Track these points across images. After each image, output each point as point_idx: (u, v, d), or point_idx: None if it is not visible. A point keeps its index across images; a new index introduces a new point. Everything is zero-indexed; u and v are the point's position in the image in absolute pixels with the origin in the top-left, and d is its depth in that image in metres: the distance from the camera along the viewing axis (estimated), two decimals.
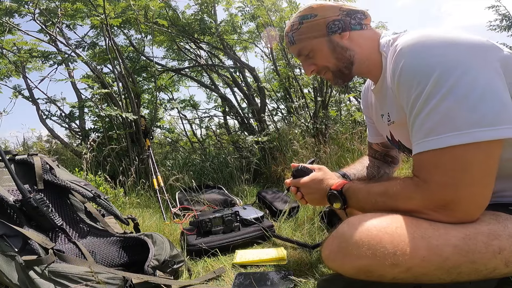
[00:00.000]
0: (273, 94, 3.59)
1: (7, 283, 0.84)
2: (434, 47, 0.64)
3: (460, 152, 0.60)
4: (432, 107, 0.62)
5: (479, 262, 0.61)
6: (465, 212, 0.63)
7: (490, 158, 0.60)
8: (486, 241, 0.61)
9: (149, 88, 3.64)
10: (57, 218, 1.00)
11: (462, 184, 0.61)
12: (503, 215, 0.66)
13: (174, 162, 3.34)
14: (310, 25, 0.87)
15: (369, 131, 1.19)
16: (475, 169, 0.60)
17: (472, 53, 0.62)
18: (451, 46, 0.63)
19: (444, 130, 0.60)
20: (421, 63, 0.64)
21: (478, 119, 0.58)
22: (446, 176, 0.62)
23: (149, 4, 2.62)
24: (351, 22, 0.86)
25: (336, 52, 0.87)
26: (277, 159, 2.62)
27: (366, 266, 0.64)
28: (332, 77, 0.93)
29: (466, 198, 0.62)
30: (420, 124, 0.64)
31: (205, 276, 1.02)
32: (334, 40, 0.86)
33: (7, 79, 2.99)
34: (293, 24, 0.90)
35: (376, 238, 0.63)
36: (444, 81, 0.60)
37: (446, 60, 0.62)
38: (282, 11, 2.90)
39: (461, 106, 0.59)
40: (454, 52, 0.62)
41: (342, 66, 0.89)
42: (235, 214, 1.38)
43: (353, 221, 0.68)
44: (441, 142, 0.61)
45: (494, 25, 4.69)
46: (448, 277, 0.62)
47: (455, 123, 0.60)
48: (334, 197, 0.87)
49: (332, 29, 0.86)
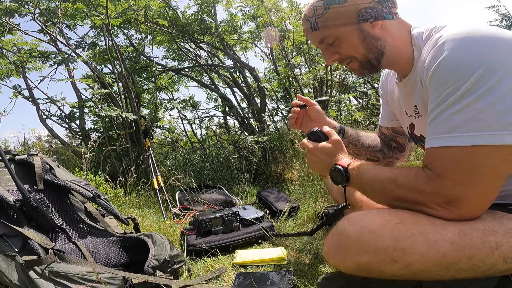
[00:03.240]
0: (273, 94, 3.59)
1: (7, 283, 0.84)
2: (482, 43, 0.62)
3: (481, 152, 0.60)
4: (464, 105, 0.60)
5: (476, 258, 0.61)
6: (469, 211, 0.64)
7: (506, 162, 0.60)
8: (482, 236, 0.61)
9: (149, 88, 3.63)
10: (57, 218, 1.00)
11: (473, 184, 0.61)
12: (499, 213, 0.66)
13: (174, 162, 3.34)
14: (339, 11, 0.80)
15: (382, 114, 1.16)
16: (490, 171, 0.60)
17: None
18: (498, 45, 0.61)
19: (472, 129, 0.60)
20: (466, 58, 0.62)
21: (507, 122, 0.58)
22: (461, 174, 0.62)
23: (149, 4, 2.62)
24: (383, 10, 0.80)
25: (366, 42, 0.81)
26: (277, 159, 2.62)
27: (366, 262, 0.64)
28: (359, 67, 0.86)
29: (474, 198, 0.62)
30: (445, 120, 0.63)
31: (205, 276, 1.02)
32: (364, 29, 0.80)
33: (7, 79, 2.99)
34: (317, 9, 0.82)
35: (376, 234, 0.63)
36: (484, 83, 0.59)
37: (490, 60, 0.60)
38: (283, 11, 2.90)
39: (494, 109, 0.58)
40: (500, 53, 0.61)
41: (372, 56, 0.83)
42: (235, 214, 1.38)
43: (353, 218, 0.69)
44: (466, 140, 0.60)
45: (494, 25, 4.69)
46: (447, 274, 0.63)
47: (483, 124, 0.59)
48: (338, 173, 0.84)
49: (364, 17, 0.79)
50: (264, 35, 3.20)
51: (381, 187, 0.73)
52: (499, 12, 4.55)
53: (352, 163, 0.83)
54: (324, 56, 0.90)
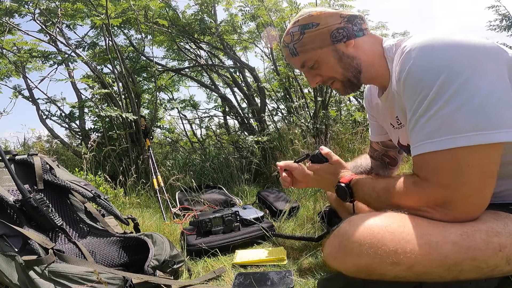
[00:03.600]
0: (273, 94, 3.59)
1: (7, 283, 0.84)
2: (442, 49, 0.64)
3: (459, 154, 0.61)
4: (434, 112, 0.63)
5: (479, 259, 0.61)
6: (463, 212, 0.64)
7: (489, 160, 0.61)
8: (485, 238, 0.61)
9: (149, 88, 3.63)
10: (57, 218, 1.00)
11: (460, 185, 0.62)
12: (502, 213, 0.66)
13: (174, 162, 3.34)
14: (313, 35, 0.84)
15: (371, 129, 1.19)
16: (473, 171, 0.61)
17: (478, 57, 0.63)
18: (458, 49, 0.64)
19: (445, 133, 0.62)
20: (428, 66, 0.65)
21: (476, 123, 0.60)
22: (445, 177, 0.63)
23: (149, 4, 2.62)
24: (353, 28, 0.84)
25: (342, 61, 0.85)
26: (277, 159, 2.62)
27: (367, 264, 0.64)
28: (342, 87, 0.90)
29: (464, 199, 0.63)
30: (421, 127, 0.65)
31: (205, 276, 1.02)
32: (339, 49, 0.84)
33: (7, 79, 2.99)
34: (294, 34, 0.86)
35: (377, 236, 0.63)
36: (448, 87, 0.61)
37: (452, 64, 0.62)
38: (283, 11, 2.90)
39: (462, 111, 0.60)
40: (460, 56, 0.63)
41: (350, 75, 0.86)
42: (235, 214, 1.38)
43: (354, 220, 0.69)
44: (441, 145, 0.62)
45: (494, 25, 4.69)
46: (449, 275, 0.62)
47: (455, 127, 0.61)
48: (342, 190, 0.88)
49: (337, 38, 0.83)
50: (264, 35, 3.20)
51: (377, 196, 0.77)
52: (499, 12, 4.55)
53: (354, 179, 0.87)
54: (307, 79, 0.94)
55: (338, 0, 2.64)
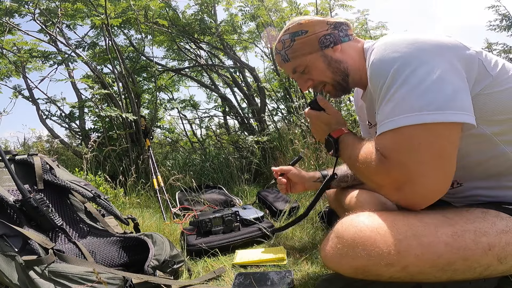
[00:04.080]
0: (273, 94, 3.59)
1: (7, 283, 0.84)
2: (397, 45, 0.69)
3: (411, 132, 0.64)
4: (389, 97, 0.67)
5: (471, 259, 0.61)
6: (420, 194, 0.65)
7: (441, 140, 0.63)
8: (474, 238, 0.62)
9: (149, 88, 3.63)
10: (57, 218, 1.00)
11: (414, 163, 0.64)
12: (492, 212, 0.67)
13: (174, 162, 3.34)
14: (303, 42, 0.88)
15: (361, 131, 1.21)
16: (426, 149, 0.63)
17: (431, 50, 0.67)
18: (413, 45, 0.68)
19: (397, 113, 0.65)
20: (384, 59, 0.70)
21: (427, 103, 0.63)
22: (401, 155, 0.65)
23: (149, 4, 2.63)
24: (339, 34, 0.89)
25: (331, 66, 0.89)
26: (277, 159, 2.62)
27: (362, 266, 0.64)
28: (333, 90, 0.94)
29: (419, 178, 0.64)
30: (382, 111, 0.69)
31: (205, 276, 1.02)
32: (327, 54, 0.88)
33: (7, 79, 2.99)
34: (285, 42, 0.91)
35: (369, 239, 0.64)
36: (401, 73, 0.66)
37: (405, 55, 0.67)
38: (283, 11, 2.90)
39: (413, 93, 0.64)
40: (413, 50, 0.67)
41: (339, 79, 0.90)
42: (235, 214, 1.38)
43: (347, 222, 0.70)
44: (394, 124, 0.65)
45: (494, 25, 4.69)
46: (444, 275, 0.63)
47: (406, 107, 0.64)
48: (329, 143, 0.90)
49: (325, 44, 0.88)
50: (264, 35, 3.20)
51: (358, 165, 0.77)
52: (499, 12, 4.55)
53: (342, 136, 0.88)
54: (299, 84, 0.97)
55: (338, 0, 2.65)
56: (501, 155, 0.71)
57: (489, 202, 0.73)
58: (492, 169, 0.73)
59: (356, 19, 3.27)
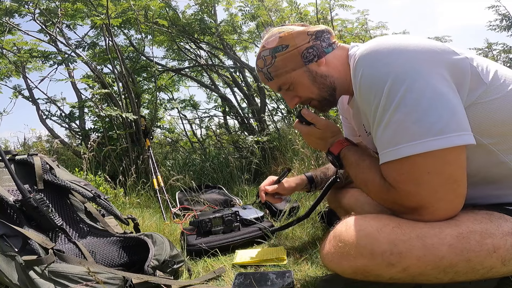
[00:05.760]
0: (273, 94, 3.59)
1: (7, 283, 0.84)
2: (385, 56, 0.66)
3: (417, 161, 0.62)
4: (387, 121, 0.64)
5: (474, 261, 0.61)
6: (434, 217, 0.65)
7: (449, 165, 0.62)
8: (479, 239, 0.61)
9: (149, 88, 3.63)
10: (57, 218, 1.00)
11: (424, 193, 0.63)
12: (496, 214, 0.66)
13: (174, 162, 3.34)
14: (284, 58, 0.83)
15: (345, 132, 1.19)
16: (435, 177, 0.62)
17: (419, 59, 0.64)
18: (400, 54, 0.65)
19: (399, 141, 0.63)
20: (375, 74, 0.66)
21: (428, 128, 0.60)
22: (409, 185, 0.64)
23: (149, 4, 2.63)
24: (322, 45, 0.84)
25: (317, 81, 0.85)
26: (277, 159, 2.62)
27: (363, 266, 0.64)
28: (319, 105, 0.91)
29: (431, 205, 0.63)
30: (380, 138, 0.67)
31: (205, 276, 1.02)
32: (312, 69, 0.84)
33: (7, 79, 2.99)
34: (266, 59, 0.86)
35: (373, 238, 0.64)
36: (394, 94, 0.63)
37: (396, 70, 0.63)
38: (283, 11, 2.90)
39: (412, 116, 0.61)
40: (402, 61, 0.64)
41: (325, 95, 0.87)
42: (235, 214, 1.38)
43: (350, 222, 0.69)
44: (398, 153, 0.63)
45: (494, 25, 4.69)
46: (445, 277, 0.62)
47: (407, 135, 0.62)
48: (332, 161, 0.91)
49: (308, 58, 0.83)
50: (264, 35, 3.20)
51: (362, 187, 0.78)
52: (499, 12, 4.55)
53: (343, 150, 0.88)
54: (286, 101, 0.93)
55: (338, 0, 2.65)
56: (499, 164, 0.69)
57: (491, 204, 0.72)
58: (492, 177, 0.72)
59: (356, 19, 3.27)
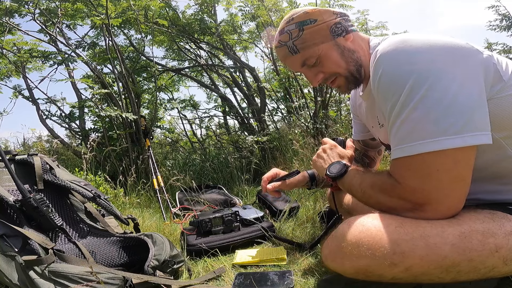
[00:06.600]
0: (273, 94, 3.59)
1: (7, 283, 0.84)
2: (411, 54, 0.65)
3: (429, 158, 0.63)
4: (404, 117, 0.64)
5: (476, 260, 0.61)
6: (437, 214, 0.65)
7: (459, 164, 0.62)
8: (482, 239, 0.61)
9: (149, 88, 3.63)
10: (57, 218, 1.00)
11: (430, 188, 0.64)
12: (499, 213, 0.66)
13: (174, 162, 3.34)
14: (314, 31, 0.82)
15: (354, 128, 1.20)
16: (443, 176, 0.62)
17: (448, 60, 0.63)
18: (427, 52, 0.64)
19: (415, 139, 0.64)
20: (396, 72, 0.66)
21: (444, 128, 0.61)
22: (416, 181, 0.65)
23: (149, 4, 2.63)
24: (347, 24, 0.84)
25: (345, 55, 0.84)
26: (277, 159, 2.62)
27: (365, 266, 0.64)
28: (345, 83, 0.88)
29: (436, 202, 0.64)
30: (396, 132, 0.67)
31: (205, 276, 1.02)
32: (340, 43, 0.83)
33: (7, 79, 2.99)
34: (291, 32, 0.83)
35: (375, 238, 0.64)
36: (416, 92, 0.63)
37: (419, 68, 0.63)
38: (283, 11, 2.91)
39: (431, 116, 0.62)
40: (428, 60, 0.64)
41: (353, 69, 0.85)
42: (235, 214, 1.38)
43: (353, 222, 0.69)
44: (411, 150, 0.64)
45: (494, 25, 4.69)
46: (448, 276, 0.62)
47: (423, 132, 0.62)
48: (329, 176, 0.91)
49: (337, 32, 0.82)
50: (264, 35, 3.20)
51: (363, 192, 0.78)
52: (499, 12, 4.55)
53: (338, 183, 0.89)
54: (308, 79, 0.91)
55: (339, 0, 2.65)
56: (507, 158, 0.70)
57: (494, 203, 0.72)
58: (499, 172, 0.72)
59: (356, 19, 3.27)
